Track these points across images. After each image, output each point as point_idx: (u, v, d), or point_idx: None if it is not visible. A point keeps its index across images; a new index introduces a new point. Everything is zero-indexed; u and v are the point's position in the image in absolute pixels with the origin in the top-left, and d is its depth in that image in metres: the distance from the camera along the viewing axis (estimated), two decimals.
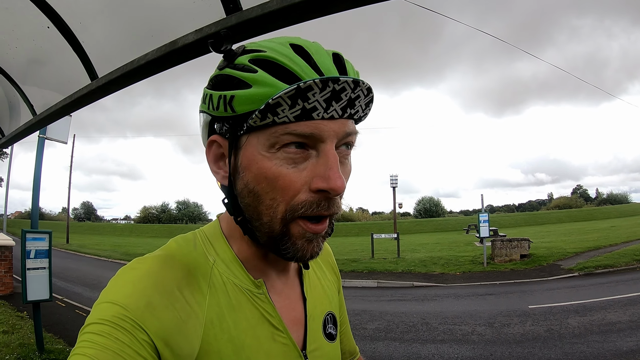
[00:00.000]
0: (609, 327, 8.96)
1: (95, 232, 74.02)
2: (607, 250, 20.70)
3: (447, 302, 13.05)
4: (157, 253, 0.96)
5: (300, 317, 1.07)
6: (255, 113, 0.81)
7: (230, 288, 0.94)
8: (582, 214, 69.75)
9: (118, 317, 0.78)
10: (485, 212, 19.96)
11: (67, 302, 13.46)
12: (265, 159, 0.84)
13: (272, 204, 0.86)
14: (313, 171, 0.84)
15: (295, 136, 0.82)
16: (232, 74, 0.85)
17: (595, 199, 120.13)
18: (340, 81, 0.80)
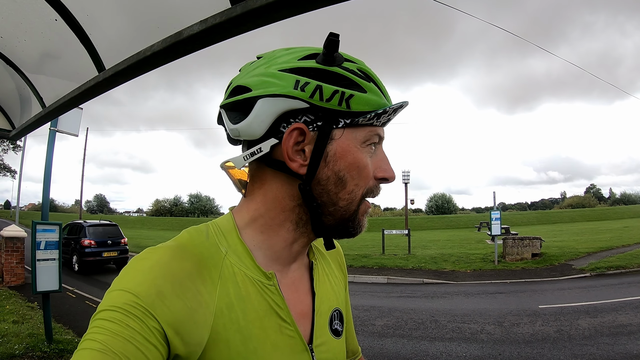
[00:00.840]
0: (620, 329, 8.87)
1: None
2: (619, 251, 20.57)
3: (456, 299, 13.00)
4: (169, 243, 0.98)
5: (308, 311, 1.10)
6: (371, 114, 0.97)
7: (240, 279, 0.97)
8: (595, 214, 69.44)
9: (129, 304, 0.80)
10: (497, 210, 19.83)
11: (77, 293, 13.58)
12: (359, 151, 0.99)
13: (355, 189, 1.00)
14: (377, 163, 1.04)
15: (378, 136, 1.03)
16: (347, 75, 0.96)
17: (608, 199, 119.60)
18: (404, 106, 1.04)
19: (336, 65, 0.96)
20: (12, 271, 13.95)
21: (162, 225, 75.03)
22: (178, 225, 72.94)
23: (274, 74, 0.96)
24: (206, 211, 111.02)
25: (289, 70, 0.96)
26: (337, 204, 0.99)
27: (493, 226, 19.41)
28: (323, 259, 1.28)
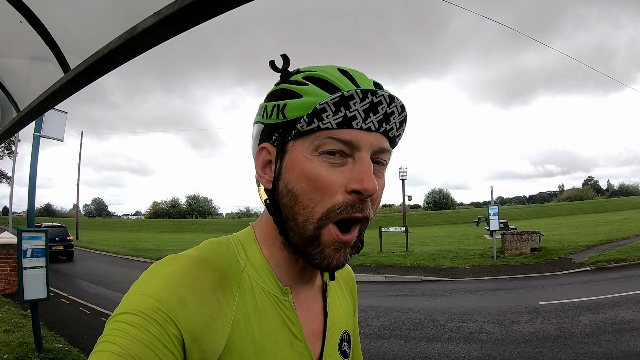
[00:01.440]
0: (622, 325, 8.75)
1: (106, 228, 74.62)
2: (619, 244, 20.54)
3: (455, 297, 12.90)
4: (191, 252, 0.98)
5: (319, 331, 1.10)
6: (304, 117, 0.89)
7: (257, 292, 0.98)
8: (593, 206, 69.80)
9: (151, 309, 0.80)
10: (495, 205, 19.86)
11: (72, 300, 13.44)
12: (307, 160, 0.91)
13: (309, 204, 0.91)
14: (349, 174, 0.90)
15: (336, 140, 0.89)
16: (287, 87, 0.95)
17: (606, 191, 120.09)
18: (377, 94, 0.88)
19: (283, 81, 0.97)
20: (6, 279, 13.88)
21: (160, 228, 75.24)
22: (176, 227, 73.22)
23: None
24: (204, 212, 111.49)
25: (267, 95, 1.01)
26: (295, 219, 0.94)
27: (491, 221, 19.39)
28: (336, 282, 1.27)
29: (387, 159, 0.98)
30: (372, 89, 0.88)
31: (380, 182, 0.96)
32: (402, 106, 0.94)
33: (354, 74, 0.94)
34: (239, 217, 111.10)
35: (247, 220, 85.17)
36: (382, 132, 0.92)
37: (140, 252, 29.00)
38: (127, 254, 28.79)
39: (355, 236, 0.95)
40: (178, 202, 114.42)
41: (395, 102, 0.92)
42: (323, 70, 0.94)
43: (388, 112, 0.91)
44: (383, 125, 0.91)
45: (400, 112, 0.94)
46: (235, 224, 77.37)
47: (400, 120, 0.95)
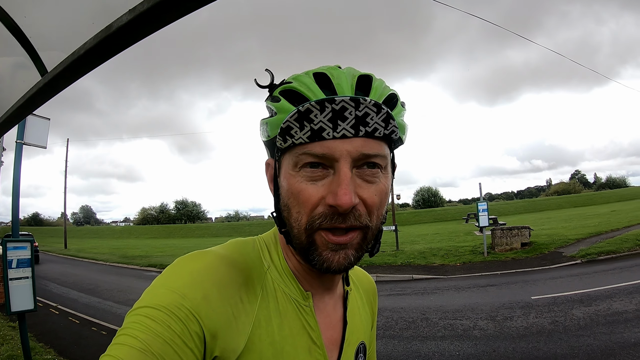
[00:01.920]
0: (616, 317, 8.76)
1: (94, 235, 74.24)
2: (609, 236, 20.69)
3: (447, 295, 12.87)
4: (217, 250, 0.98)
5: (337, 339, 1.10)
6: (277, 136, 0.91)
7: (280, 295, 0.98)
8: (581, 199, 70.32)
9: (175, 305, 0.80)
10: (484, 201, 19.93)
11: (61, 310, 13.27)
12: (291, 176, 0.91)
13: (297, 216, 0.91)
14: (328, 187, 0.88)
15: (311, 156, 0.88)
16: (268, 104, 0.97)
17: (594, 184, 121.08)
18: (336, 100, 0.85)
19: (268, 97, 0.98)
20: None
21: (149, 234, 74.97)
22: (165, 233, 73.00)
23: None
24: (193, 217, 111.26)
25: None
26: (292, 231, 0.95)
27: (480, 217, 19.46)
28: (357, 291, 1.27)
29: (382, 161, 0.93)
30: (328, 98, 0.86)
31: (378, 187, 0.93)
32: (377, 104, 0.88)
33: (332, 75, 0.91)
34: (228, 221, 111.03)
35: (237, 224, 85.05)
36: (365, 135, 0.88)
37: (130, 259, 28.82)
38: (116, 262, 28.56)
39: (355, 238, 0.92)
40: (167, 207, 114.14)
41: (364, 103, 0.86)
42: (298, 80, 0.93)
43: (359, 114, 0.87)
44: (362, 129, 0.87)
45: (377, 112, 0.88)
46: (225, 228, 77.43)
47: (383, 118, 0.89)
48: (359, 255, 0.95)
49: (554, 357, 7.12)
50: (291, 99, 0.90)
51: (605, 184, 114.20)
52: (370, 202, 0.91)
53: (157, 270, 23.44)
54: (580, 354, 7.07)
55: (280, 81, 0.97)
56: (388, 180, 0.97)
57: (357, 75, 0.92)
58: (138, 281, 19.84)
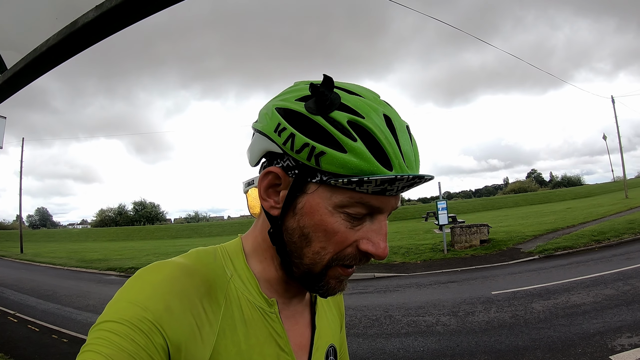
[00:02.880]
0: (574, 309, 8.97)
1: (51, 239, 72.23)
2: (565, 232, 21.07)
3: (409, 292, 12.97)
4: (178, 260, 0.95)
5: (306, 344, 1.09)
6: (344, 179, 0.82)
7: (244, 303, 0.97)
8: (538, 197, 71.51)
9: (137, 318, 0.78)
10: (443, 200, 20.07)
11: (20, 317, 12.91)
12: (329, 213, 0.87)
13: (321, 251, 0.89)
14: (365, 234, 0.89)
15: (366, 207, 0.86)
16: (327, 128, 0.83)
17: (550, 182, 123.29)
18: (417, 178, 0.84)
19: (321, 113, 0.84)
20: None
21: (108, 236, 73.48)
22: (124, 235, 71.78)
23: (270, 110, 0.93)
24: (152, 218, 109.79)
25: (282, 109, 0.90)
26: (302, 259, 0.92)
27: (440, 216, 19.61)
28: None
29: None
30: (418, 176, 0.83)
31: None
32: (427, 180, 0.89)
33: (396, 125, 0.87)
34: (188, 222, 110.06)
35: (197, 225, 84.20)
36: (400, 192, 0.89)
37: (88, 263, 28.17)
38: (74, 266, 27.90)
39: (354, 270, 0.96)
40: (125, 209, 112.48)
41: (422, 180, 0.87)
42: (372, 121, 0.84)
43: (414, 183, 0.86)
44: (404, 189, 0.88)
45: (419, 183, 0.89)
46: (185, 229, 76.46)
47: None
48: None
49: (515, 349, 7.23)
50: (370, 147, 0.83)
51: (561, 182, 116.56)
52: None
53: (117, 274, 23.06)
54: (542, 346, 7.21)
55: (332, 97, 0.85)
56: None
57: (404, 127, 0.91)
58: (97, 285, 19.43)
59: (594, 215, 26.54)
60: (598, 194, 64.37)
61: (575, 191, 74.41)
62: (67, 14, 1.81)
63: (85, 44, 1.90)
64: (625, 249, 15.90)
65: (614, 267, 12.61)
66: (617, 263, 13.28)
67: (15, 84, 2.40)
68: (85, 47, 1.94)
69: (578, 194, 68.55)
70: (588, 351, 6.76)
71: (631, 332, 7.30)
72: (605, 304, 9.05)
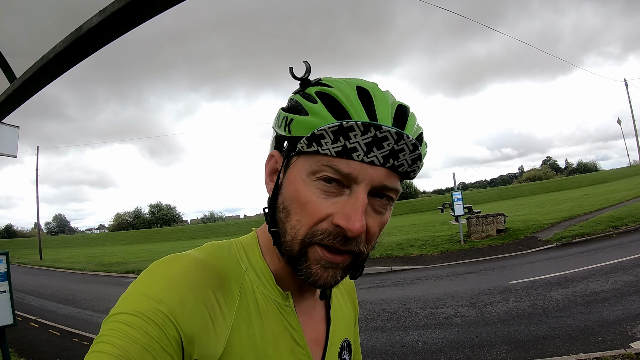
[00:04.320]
0: (593, 297, 8.92)
1: (69, 244, 72.82)
2: (582, 219, 20.90)
3: (427, 284, 12.94)
4: (193, 253, 0.96)
5: (321, 339, 1.09)
6: (303, 139, 0.87)
7: (259, 296, 0.97)
8: (553, 185, 70.90)
9: (151, 310, 0.79)
10: (458, 190, 20.02)
11: (41, 322, 13.03)
12: (303, 182, 0.88)
13: (296, 225, 0.89)
14: (340, 207, 0.85)
15: (334, 171, 0.85)
16: (298, 100, 0.91)
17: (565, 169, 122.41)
18: (382, 129, 0.83)
19: (299, 92, 0.93)
20: None
21: (125, 240, 73.91)
22: (141, 238, 72.13)
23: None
24: (168, 220, 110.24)
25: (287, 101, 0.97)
26: (285, 235, 0.92)
27: (456, 206, 19.62)
28: (338, 289, 1.26)
29: (395, 195, 0.93)
30: (375, 124, 0.82)
31: (382, 218, 0.93)
32: (415, 144, 0.86)
33: (375, 95, 0.87)
34: (204, 223, 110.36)
35: (213, 225, 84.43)
36: (391, 167, 0.86)
37: (107, 267, 28.37)
38: (93, 270, 28.09)
39: (347, 261, 0.91)
40: (141, 212, 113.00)
41: (405, 140, 0.85)
42: (339, 88, 0.88)
43: (396, 148, 0.85)
44: (390, 161, 0.85)
45: (411, 150, 0.86)
46: (202, 229, 76.74)
47: (413, 158, 0.88)
48: (344, 275, 0.94)
49: (535, 338, 7.22)
50: (329, 105, 0.86)
51: (577, 169, 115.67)
52: (372, 232, 0.90)
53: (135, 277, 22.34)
54: (561, 335, 7.19)
55: (315, 79, 0.94)
56: (390, 213, 0.96)
57: (397, 103, 0.90)
58: (116, 288, 19.48)
59: (611, 201, 26.32)
60: (614, 179, 63.78)
61: (591, 177, 73.81)
62: (71, 20, 1.83)
63: (91, 49, 1.91)
64: None
65: (633, 253, 12.52)
66: (636, 249, 13.19)
67: (25, 93, 2.42)
68: (91, 52, 1.95)
69: (594, 180, 67.99)
70: (608, 339, 6.73)
71: None
72: (625, 291, 8.99)
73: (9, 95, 2.45)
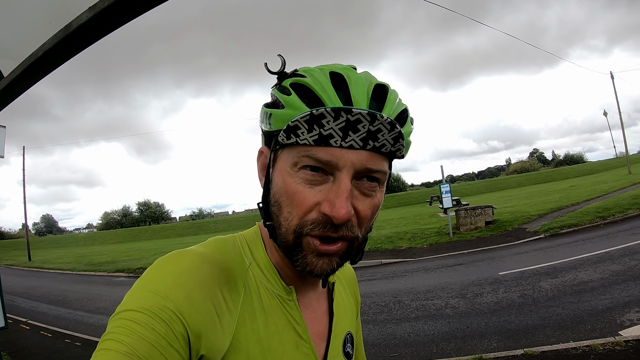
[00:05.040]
0: (582, 286, 9.00)
1: (58, 245, 72.10)
2: (570, 210, 21.04)
3: (417, 276, 13.01)
4: (198, 249, 0.97)
5: (324, 332, 1.10)
6: (281, 132, 0.88)
7: (262, 291, 0.98)
8: (541, 176, 71.45)
9: (158, 307, 0.79)
10: (446, 183, 20.07)
11: (32, 324, 12.94)
12: (288, 175, 0.89)
13: (288, 216, 0.90)
14: (325, 195, 0.86)
15: (313, 160, 0.86)
16: (276, 93, 0.92)
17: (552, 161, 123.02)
18: (353, 112, 0.82)
19: (275, 86, 0.94)
20: None
21: (114, 239, 73.48)
22: (130, 236, 71.87)
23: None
24: (157, 218, 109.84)
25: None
26: (280, 228, 0.93)
27: (444, 199, 19.65)
28: (340, 282, 1.26)
29: (383, 177, 0.93)
30: (345, 108, 0.82)
31: (373, 201, 0.92)
32: (391, 123, 0.85)
33: (350, 78, 0.87)
34: (193, 220, 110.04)
35: (202, 222, 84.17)
36: (372, 149, 0.86)
37: (97, 267, 28.15)
38: (83, 270, 27.87)
39: (342, 248, 0.91)
40: (129, 210, 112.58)
41: (379, 120, 0.84)
42: (312, 77, 0.88)
43: (372, 129, 0.84)
44: (370, 143, 0.85)
45: (390, 129, 0.86)
46: (190, 226, 76.55)
47: (394, 137, 0.87)
48: (342, 263, 0.94)
49: (525, 328, 7.28)
50: (303, 95, 0.86)
51: (564, 160, 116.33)
52: (363, 215, 0.90)
53: (126, 276, 23.09)
54: (551, 324, 7.26)
55: (291, 70, 0.95)
56: (382, 194, 0.96)
57: (374, 83, 0.89)
58: (107, 288, 19.49)
59: (598, 192, 26.47)
60: (601, 170, 64.40)
61: (578, 169, 74.42)
62: (60, 17, 1.82)
63: (80, 46, 1.90)
64: (631, 224, 15.94)
65: (620, 243, 12.65)
66: (623, 239, 13.32)
67: (13, 92, 2.40)
68: (80, 50, 1.94)
69: (581, 171, 68.56)
70: (597, 327, 6.81)
71: (639, 307, 7.33)
72: (613, 280, 9.09)
73: None
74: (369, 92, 0.87)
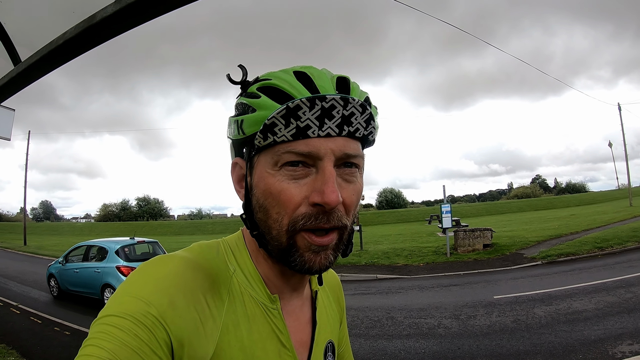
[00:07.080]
0: (576, 315, 8.98)
1: (55, 232, 72.08)
2: (568, 239, 20.99)
3: (411, 294, 12.98)
4: (182, 254, 0.97)
5: (307, 341, 1.10)
6: (257, 134, 0.89)
7: (247, 299, 0.97)
8: (542, 203, 71.28)
9: (141, 313, 0.78)
10: (447, 203, 20.03)
11: (22, 309, 12.95)
12: (270, 175, 0.90)
13: (277, 217, 0.90)
14: (312, 186, 0.87)
15: (294, 154, 0.87)
16: (244, 100, 0.93)
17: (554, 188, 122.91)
18: (327, 98, 0.85)
19: (241, 94, 0.97)
20: None
21: (111, 231, 73.11)
22: (127, 230, 71.59)
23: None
24: (155, 214, 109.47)
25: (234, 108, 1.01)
26: (270, 233, 0.93)
27: (444, 219, 19.62)
28: (323, 290, 1.26)
29: (360, 162, 0.95)
30: (319, 95, 0.86)
31: (355, 187, 0.94)
32: (362, 105, 0.90)
33: (313, 74, 0.90)
34: (191, 219, 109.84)
35: (200, 222, 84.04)
36: (347, 135, 0.89)
37: None
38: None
39: (334, 239, 0.92)
40: (128, 204, 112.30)
41: (352, 103, 0.88)
42: (278, 77, 0.91)
43: (346, 114, 0.88)
44: (345, 128, 0.88)
45: (362, 112, 0.90)
46: (188, 226, 76.46)
47: (366, 119, 0.91)
48: (336, 255, 0.95)
49: (516, 353, 7.26)
50: (273, 96, 0.88)
51: (565, 188, 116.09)
52: (348, 202, 0.92)
53: None
54: (543, 351, 7.23)
55: (253, 78, 0.97)
56: (362, 180, 0.98)
57: (336, 76, 0.93)
58: None
59: (598, 223, 26.43)
60: (602, 201, 64.26)
61: (579, 198, 74.24)
62: (84, 8, 1.82)
63: (101, 39, 1.91)
64: (628, 256, 15.89)
65: (617, 275, 12.60)
66: (620, 270, 13.28)
67: (28, 77, 2.41)
68: (101, 42, 1.95)
69: (582, 200, 68.42)
70: (589, 357, 6.78)
71: (632, 340, 7.31)
72: (607, 311, 9.05)
73: (12, 78, 2.44)
74: (333, 83, 0.90)
